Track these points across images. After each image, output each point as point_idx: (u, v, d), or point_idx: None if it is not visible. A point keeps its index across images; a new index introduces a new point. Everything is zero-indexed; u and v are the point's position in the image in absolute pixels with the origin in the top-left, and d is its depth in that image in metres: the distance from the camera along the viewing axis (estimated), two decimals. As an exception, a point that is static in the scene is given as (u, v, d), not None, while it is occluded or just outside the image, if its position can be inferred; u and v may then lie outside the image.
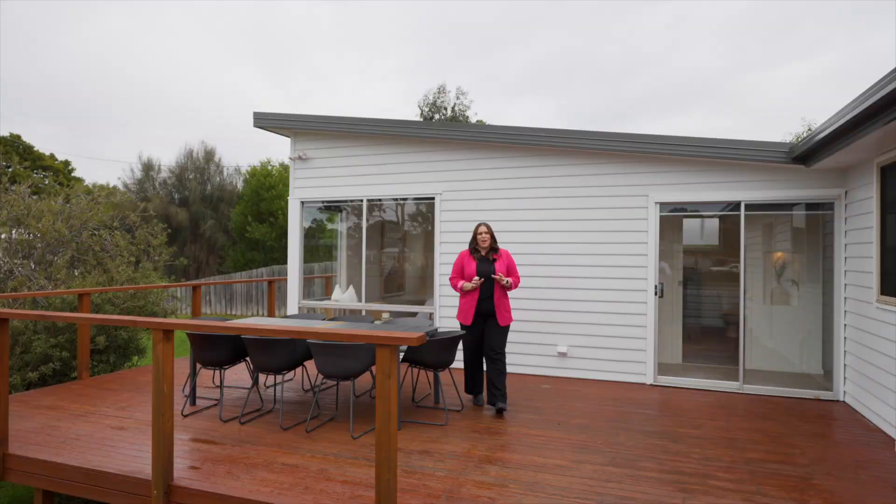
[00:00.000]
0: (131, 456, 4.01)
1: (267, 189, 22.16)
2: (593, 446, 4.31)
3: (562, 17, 51.50)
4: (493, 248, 5.29)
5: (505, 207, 6.94)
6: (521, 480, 3.64)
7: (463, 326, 5.32)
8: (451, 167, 7.25)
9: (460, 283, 5.28)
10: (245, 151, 48.59)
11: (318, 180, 7.96)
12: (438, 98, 26.18)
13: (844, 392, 5.71)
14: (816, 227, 6.78)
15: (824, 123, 4.78)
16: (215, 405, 5.36)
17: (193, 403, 5.36)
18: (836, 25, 46.03)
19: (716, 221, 9.31)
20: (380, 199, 7.74)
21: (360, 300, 7.86)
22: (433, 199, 7.35)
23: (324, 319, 6.37)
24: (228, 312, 18.05)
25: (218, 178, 26.63)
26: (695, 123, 48.93)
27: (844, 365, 5.70)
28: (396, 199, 7.67)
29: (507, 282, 5.16)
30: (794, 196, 5.91)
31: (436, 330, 5.54)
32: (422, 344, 3.29)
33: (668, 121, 49.49)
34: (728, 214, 7.30)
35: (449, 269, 7.19)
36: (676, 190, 6.30)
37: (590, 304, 6.58)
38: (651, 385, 6.34)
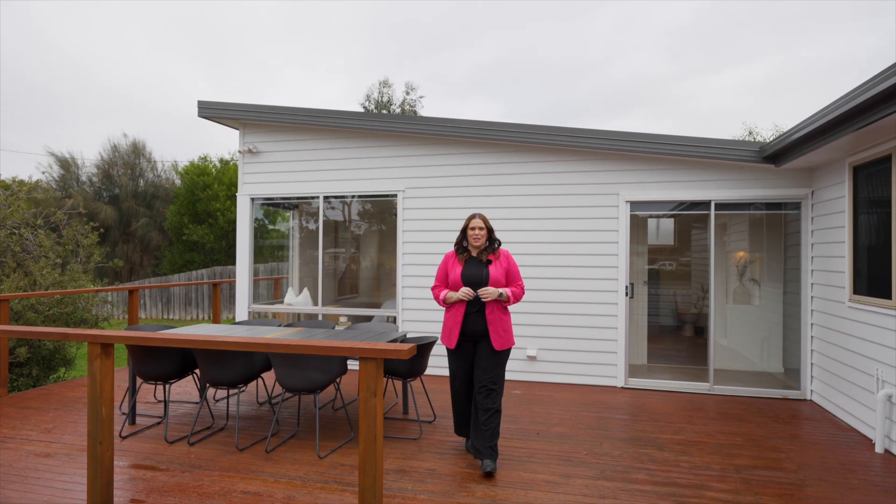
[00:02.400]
0: (60, 489, 3.45)
1: (203, 188, 20.96)
2: (578, 457, 4.08)
3: (505, 20, 51.95)
4: (491, 247, 4.01)
5: (471, 206, 6.64)
6: (511, 501, 3.34)
7: (449, 351, 4.07)
8: (414, 163, 6.89)
9: (443, 294, 4.00)
10: (183, 147, 46.29)
11: (269, 175, 7.42)
12: (382, 94, 25.48)
13: (811, 391, 5.75)
14: (778, 226, 6.87)
15: (801, 123, 4.75)
16: (159, 423, 4.79)
17: (133, 422, 4.78)
18: (768, 37, 48.71)
19: (678, 221, 9.38)
20: (338, 197, 7.29)
21: (316, 304, 7.38)
22: (395, 196, 6.97)
23: (279, 325, 5.88)
24: (165, 317, 16.96)
25: (151, 174, 25.09)
26: (636, 127, 50.45)
27: (811, 364, 5.74)
28: (356, 197, 7.24)
29: (502, 294, 3.84)
30: (762, 195, 5.92)
31: (405, 335, 5.19)
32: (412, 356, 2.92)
33: (610, 123, 50.79)
34: (685, 214, 7.29)
35: (413, 270, 6.84)
36: (647, 188, 6.19)
37: (560, 305, 6.39)
38: (622, 388, 6.21)
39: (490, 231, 4.02)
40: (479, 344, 3.95)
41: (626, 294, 6.21)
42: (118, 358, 9.60)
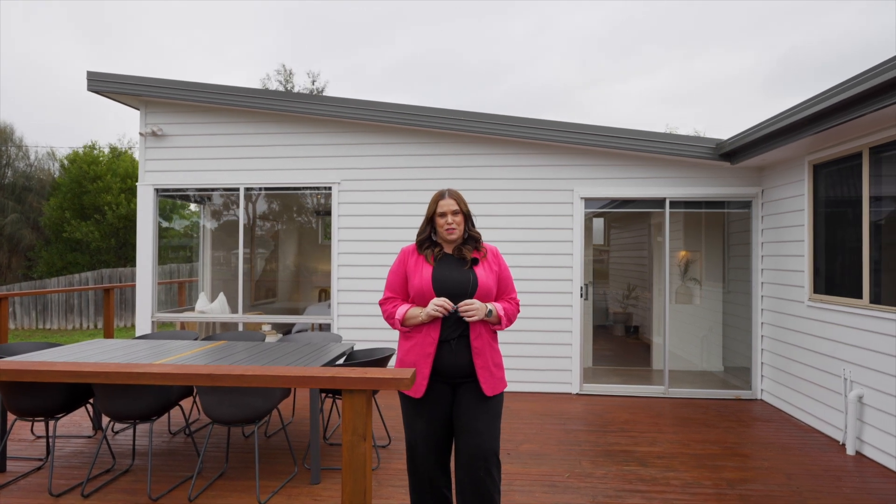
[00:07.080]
0: None
1: (92, 179, 18.67)
2: (562, 481, 3.63)
3: (421, 18, 51.75)
4: (472, 240, 2.66)
5: (415, 201, 6.06)
6: (508, 546, 2.82)
7: (407, 402, 2.54)
8: (352, 152, 6.19)
9: (401, 310, 2.53)
10: (66, 136, 41.64)
11: (177, 163, 6.38)
12: (285, 84, 23.83)
13: (762, 390, 5.73)
14: (717, 225, 6.88)
15: (766, 121, 4.65)
16: (40, 469, 3.78)
17: (3, 470, 3.73)
18: (671, 49, 52.46)
19: (609, 219, 9.31)
20: (262, 188, 6.41)
21: (235, 311, 6.46)
22: (329, 188, 6.23)
23: (196, 338, 4.97)
24: (41, 327, 14.78)
25: (23, 164, 22.06)
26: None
27: (762, 363, 5.72)
28: (284, 189, 6.40)
29: (492, 313, 2.47)
30: (714, 193, 5.83)
31: (352, 348, 4.52)
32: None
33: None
34: (637, 212, 7.17)
35: (350, 272, 6.13)
36: (602, 185, 5.92)
37: (512, 308, 5.95)
38: (577, 394, 5.89)
39: (467, 217, 2.63)
40: (460, 389, 2.52)
41: (582, 296, 5.91)
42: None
